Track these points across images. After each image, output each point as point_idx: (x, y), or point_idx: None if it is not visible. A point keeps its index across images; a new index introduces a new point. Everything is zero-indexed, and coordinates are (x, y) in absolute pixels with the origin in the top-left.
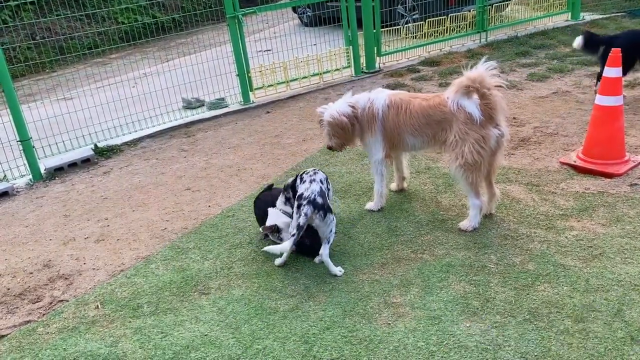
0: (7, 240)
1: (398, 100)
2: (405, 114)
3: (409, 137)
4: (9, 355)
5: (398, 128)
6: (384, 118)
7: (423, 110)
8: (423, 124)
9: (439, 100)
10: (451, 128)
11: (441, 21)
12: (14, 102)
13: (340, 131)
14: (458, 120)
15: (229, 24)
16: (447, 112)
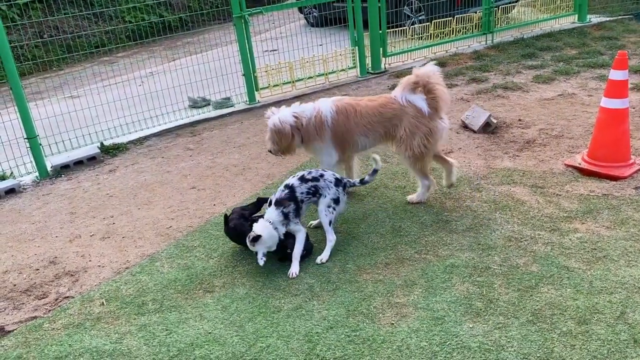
0: (13, 237)
1: (345, 105)
2: (356, 116)
3: (361, 138)
4: (15, 351)
5: (350, 131)
6: (333, 124)
7: (374, 109)
8: (375, 122)
9: (387, 98)
10: (402, 123)
11: (447, 22)
12: (22, 99)
13: (280, 139)
14: (408, 115)
15: (236, 24)
16: (397, 109)
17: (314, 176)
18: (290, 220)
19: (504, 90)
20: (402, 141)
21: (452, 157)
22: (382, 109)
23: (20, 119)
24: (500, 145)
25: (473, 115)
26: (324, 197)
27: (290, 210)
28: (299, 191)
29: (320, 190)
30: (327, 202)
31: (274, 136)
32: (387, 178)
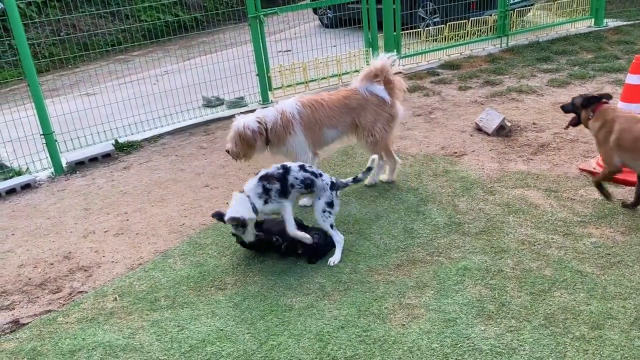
0: (29, 232)
1: (309, 100)
2: (323, 108)
3: (329, 130)
4: (30, 343)
5: (319, 123)
6: (301, 119)
7: (339, 101)
8: (342, 113)
9: (349, 91)
10: (365, 111)
11: (462, 25)
12: (39, 96)
13: (242, 143)
14: (372, 104)
15: (251, 24)
16: (361, 99)
17: (313, 171)
18: (271, 197)
19: (518, 94)
20: (365, 128)
21: (465, 160)
22: (346, 100)
23: (36, 115)
24: (514, 148)
25: (487, 118)
26: (317, 200)
27: (273, 188)
28: (294, 175)
29: (314, 188)
30: (322, 206)
31: (236, 139)
32: (400, 180)
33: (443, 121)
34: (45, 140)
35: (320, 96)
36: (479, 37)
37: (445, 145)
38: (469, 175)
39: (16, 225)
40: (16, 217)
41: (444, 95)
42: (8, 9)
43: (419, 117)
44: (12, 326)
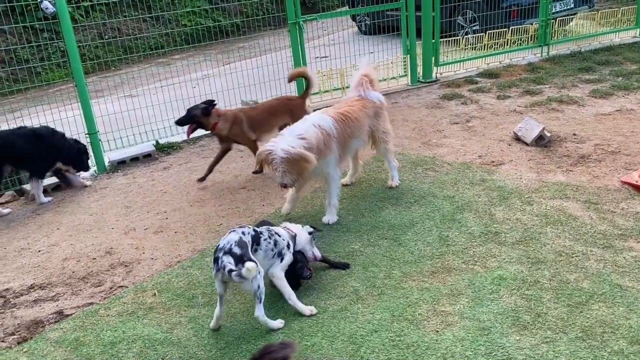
0: (72, 227)
1: (337, 114)
2: (352, 120)
3: (355, 141)
4: (73, 334)
5: (349, 137)
6: (337, 134)
7: (361, 111)
8: (365, 123)
9: (361, 99)
10: (379, 117)
11: (502, 33)
12: (85, 96)
13: (297, 166)
14: (379, 108)
15: (290, 30)
16: (375, 106)
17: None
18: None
19: (558, 104)
20: (379, 130)
21: (503, 169)
22: (366, 109)
23: (82, 115)
24: (553, 159)
25: (526, 127)
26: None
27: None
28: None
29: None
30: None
31: (287, 167)
32: (435, 187)
33: (481, 130)
34: (90, 140)
35: (344, 109)
36: (519, 45)
37: (483, 153)
38: (506, 185)
39: (61, 220)
40: (61, 213)
41: (482, 104)
42: (60, 12)
43: (456, 125)
44: (56, 316)
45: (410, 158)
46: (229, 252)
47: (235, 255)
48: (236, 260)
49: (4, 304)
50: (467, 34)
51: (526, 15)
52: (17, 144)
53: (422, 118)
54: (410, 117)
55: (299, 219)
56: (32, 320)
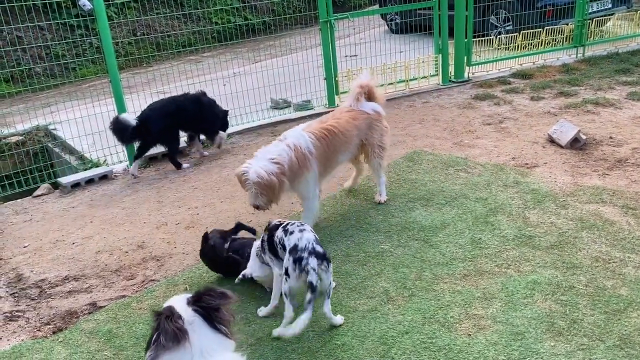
0: (106, 220)
1: (320, 130)
2: (339, 135)
3: (341, 155)
4: (106, 325)
5: (334, 153)
6: (317, 152)
7: (349, 123)
8: (354, 136)
9: (352, 110)
10: (372, 129)
11: (536, 33)
12: (119, 92)
13: (269, 190)
14: (375, 120)
15: (321, 28)
16: (367, 117)
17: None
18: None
19: (594, 106)
20: (373, 144)
21: (537, 171)
22: (355, 121)
23: (116, 110)
24: (588, 162)
25: (561, 129)
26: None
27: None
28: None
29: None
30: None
31: (260, 189)
32: (468, 189)
33: (514, 131)
34: None
35: (327, 123)
36: (553, 46)
37: (516, 155)
38: (540, 188)
39: (94, 213)
40: (94, 206)
41: (515, 105)
42: (96, 9)
43: (488, 125)
44: (90, 308)
45: (442, 158)
46: (312, 252)
47: (319, 254)
48: (320, 258)
49: (39, 294)
50: (499, 33)
51: (562, 15)
52: (188, 107)
53: (453, 118)
54: (441, 117)
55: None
56: (66, 311)
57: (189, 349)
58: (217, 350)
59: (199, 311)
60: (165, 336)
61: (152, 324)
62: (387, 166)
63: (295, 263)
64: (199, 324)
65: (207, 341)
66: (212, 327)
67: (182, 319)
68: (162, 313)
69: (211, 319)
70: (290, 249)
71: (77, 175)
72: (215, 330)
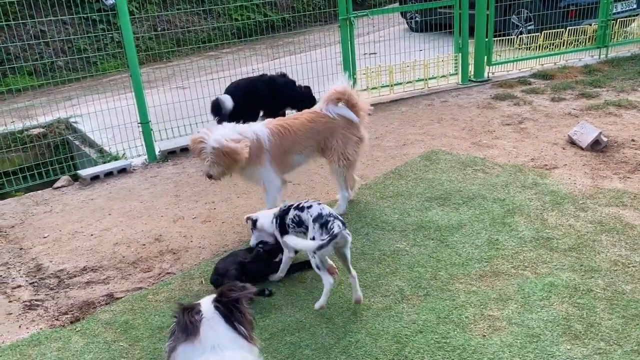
0: (124, 213)
1: (276, 126)
2: (290, 134)
3: (296, 156)
4: (123, 317)
5: (287, 151)
6: (270, 148)
7: (304, 125)
8: (308, 138)
9: (314, 113)
10: (333, 134)
11: (558, 33)
12: (139, 87)
13: (226, 159)
14: (339, 127)
15: (341, 26)
16: (328, 122)
17: (302, 205)
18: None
19: (616, 108)
20: (335, 151)
21: (556, 173)
22: (312, 124)
23: (136, 104)
24: (609, 165)
25: (582, 131)
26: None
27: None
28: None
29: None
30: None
31: (217, 157)
32: (485, 189)
33: (534, 132)
34: (142, 129)
35: (285, 121)
36: (575, 47)
37: (535, 156)
38: (559, 190)
39: (112, 206)
40: (113, 199)
41: (535, 105)
42: (118, 4)
43: (507, 126)
44: (107, 299)
45: (460, 158)
46: (336, 217)
47: (342, 221)
48: (343, 224)
49: (58, 283)
50: (521, 33)
51: (585, 15)
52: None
53: (472, 118)
54: (460, 116)
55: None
56: (84, 301)
57: (201, 343)
58: (231, 348)
59: (220, 308)
60: (177, 328)
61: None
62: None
63: (322, 227)
64: (217, 321)
65: (222, 338)
66: (230, 326)
67: (200, 314)
68: (182, 306)
69: (230, 317)
70: (315, 217)
71: (97, 168)
72: (233, 329)
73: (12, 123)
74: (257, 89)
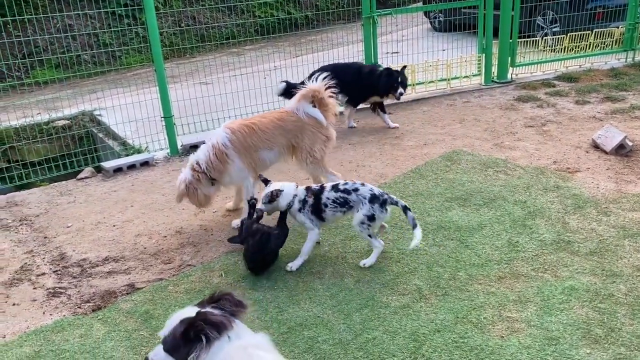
0: (146, 205)
1: (238, 125)
2: (256, 132)
3: (265, 153)
4: (144, 306)
5: (254, 146)
6: (233, 145)
7: (272, 122)
8: (277, 135)
9: (283, 112)
10: (303, 133)
11: (584, 36)
12: (163, 81)
13: (191, 197)
14: (309, 126)
15: (364, 24)
16: (297, 121)
17: (347, 188)
18: (304, 209)
19: None
20: (303, 150)
21: (579, 176)
22: (280, 122)
23: (159, 98)
24: (634, 169)
25: (606, 135)
26: (356, 212)
27: (308, 201)
28: (326, 196)
29: (352, 204)
30: (360, 218)
31: (184, 198)
32: (507, 191)
33: (557, 135)
34: (165, 123)
35: (250, 120)
36: (602, 49)
37: (558, 159)
38: (582, 193)
39: (135, 198)
40: (135, 191)
41: (559, 108)
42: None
43: (530, 128)
44: (128, 289)
45: (481, 159)
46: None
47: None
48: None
49: (81, 272)
50: (546, 35)
51: (612, 17)
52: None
53: (495, 119)
54: (482, 117)
55: None
56: (106, 290)
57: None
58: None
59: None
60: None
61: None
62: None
63: (382, 206)
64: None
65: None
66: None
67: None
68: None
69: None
70: (370, 198)
71: (120, 160)
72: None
73: (39, 114)
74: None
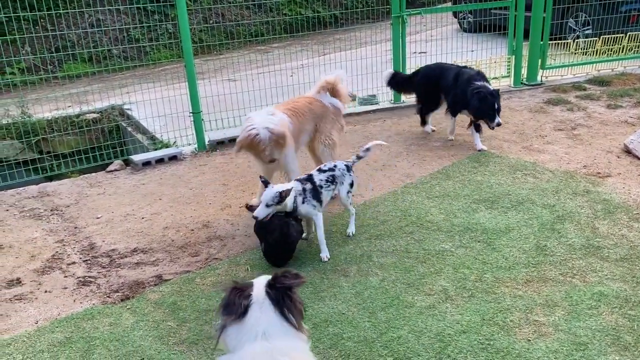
0: (173, 199)
1: (287, 110)
2: (301, 116)
3: (305, 136)
4: (171, 297)
5: (300, 131)
6: (293, 129)
7: (306, 107)
8: (310, 119)
9: (310, 98)
10: (325, 118)
11: (617, 39)
12: (193, 77)
13: (279, 142)
14: (330, 112)
15: (393, 23)
16: (322, 106)
17: (329, 167)
18: (307, 198)
19: None
20: (323, 133)
21: (609, 181)
22: (311, 106)
23: (188, 94)
24: None
25: (639, 140)
26: (341, 185)
27: (307, 188)
28: (318, 178)
29: (337, 179)
30: (346, 188)
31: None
32: (535, 194)
33: (587, 139)
34: (193, 118)
35: (291, 106)
36: (635, 53)
37: (588, 164)
38: (612, 199)
39: (163, 191)
40: (163, 184)
41: (589, 112)
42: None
43: (560, 131)
44: (156, 280)
45: (510, 162)
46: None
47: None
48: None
49: (110, 262)
50: (577, 37)
51: None
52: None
53: (524, 122)
54: (511, 119)
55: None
56: (134, 281)
57: (253, 328)
58: (280, 337)
59: (270, 294)
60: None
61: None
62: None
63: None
64: (267, 307)
65: (272, 325)
66: (280, 313)
67: (250, 298)
68: (235, 284)
69: (281, 305)
70: (346, 169)
71: (149, 154)
72: (283, 317)
73: (70, 107)
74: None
